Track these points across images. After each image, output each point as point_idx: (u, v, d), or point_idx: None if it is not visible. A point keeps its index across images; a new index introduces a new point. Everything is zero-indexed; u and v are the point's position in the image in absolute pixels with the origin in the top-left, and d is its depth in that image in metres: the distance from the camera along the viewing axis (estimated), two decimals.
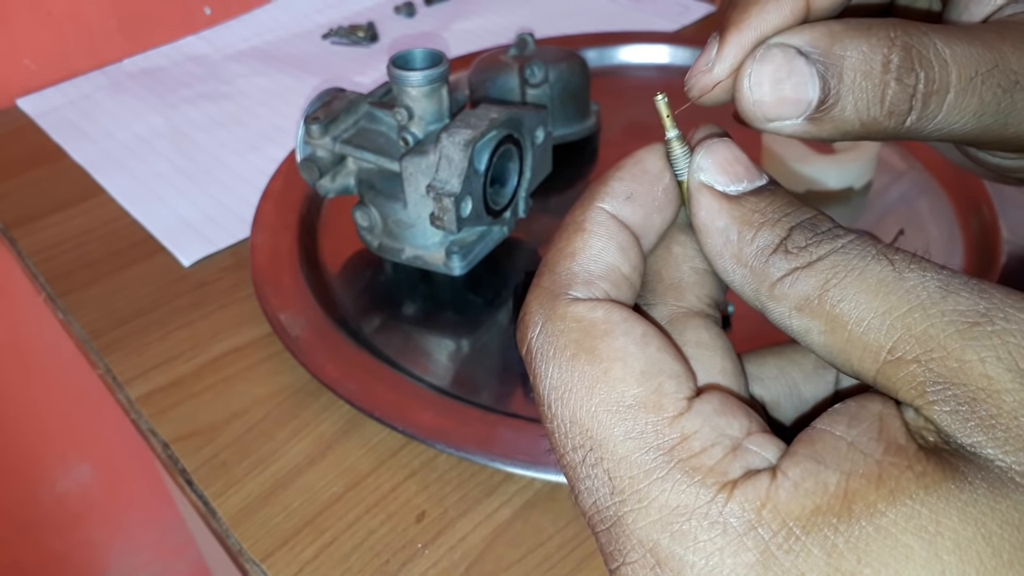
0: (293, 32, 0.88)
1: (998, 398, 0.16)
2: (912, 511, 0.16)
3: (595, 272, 0.20)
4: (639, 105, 0.72)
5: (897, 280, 0.18)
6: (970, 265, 0.55)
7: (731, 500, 0.17)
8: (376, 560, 0.41)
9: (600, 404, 0.18)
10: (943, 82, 0.21)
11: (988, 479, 0.16)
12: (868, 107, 0.21)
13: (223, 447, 0.47)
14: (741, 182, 0.20)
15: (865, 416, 0.18)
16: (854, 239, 0.19)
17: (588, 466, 0.18)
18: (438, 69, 0.51)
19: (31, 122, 0.76)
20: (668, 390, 0.18)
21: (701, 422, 0.18)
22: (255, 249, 0.57)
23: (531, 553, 0.41)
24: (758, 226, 0.20)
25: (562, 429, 0.19)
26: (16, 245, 0.63)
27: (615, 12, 0.88)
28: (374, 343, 0.52)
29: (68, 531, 1.00)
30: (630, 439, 0.18)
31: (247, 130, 0.74)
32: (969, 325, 0.17)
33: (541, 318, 0.20)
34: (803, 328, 0.19)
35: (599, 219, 0.21)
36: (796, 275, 0.19)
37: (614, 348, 0.19)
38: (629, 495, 0.18)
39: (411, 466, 0.45)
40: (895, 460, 0.16)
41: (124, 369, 0.52)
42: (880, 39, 0.21)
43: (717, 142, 0.21)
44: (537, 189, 0.56)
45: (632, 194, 0.21)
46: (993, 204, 0.56)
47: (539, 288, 0.20)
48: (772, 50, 0.21)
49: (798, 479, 0.17)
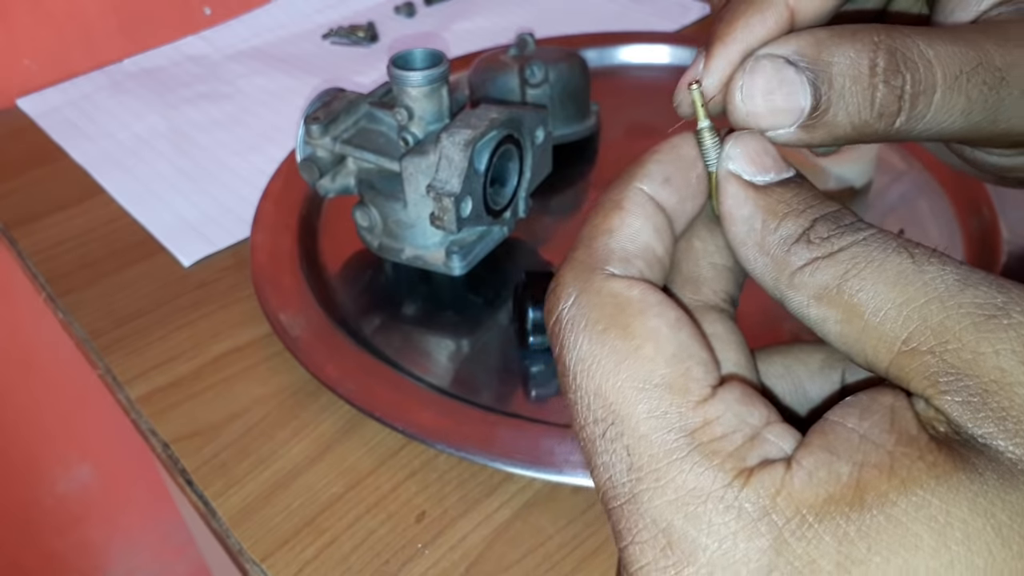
0: (293, 32, 0.88)
1: (1011, 391, 0.16)
2: (923, 501, 0.16)
3: (632, 251, 0.20)
4: (639, 105, 0.72)
5: (916, 272, 0.18)
6: (970, 264, 0.55)
7: (747, 486, 0.17)
8: (376, 560, 0.41)
9: (627, 380, 0.18)
10: (929, 82, 0.22)
11: (999, 470, 0.16)
12: (859, 110, 0.21)
13: (223, 447, 0.47)
14: (768, 173, 0.21)
15: (876, 408, 0.18)
16: (876, 232, 0.19)
17: (608, 440, 0.18)
18: (438, 69, 0.51)
19: (31, 122, 0.76)
20: (696, 375, 0.18)
21: (724, 408, 0.18)
22: (255, 249, 0.57)
23: (531, 553, 0.41)
24: (782, 216, 0.20)
25: (585, 401, 0.19)
26: (16, 245, 0.63)
27: (615, 12, 0.88)
28: (374, 343, 0.52)
29: (68, 531, 1.00)
30: (653, 418, 0.18)
31: (247, 130, 0.74)
32: (985, 318, 0.17)
33: (575, 290, 0.20)
34: (820, 317, 0.19)
35: (638, 199, 0.21)
36: (816, 264, 0.19)
37: (648, 328, 0.19)
38: (647, 473, 0.18)
39: (411, 466, 0.45)
40: (906, 451, 0.17)
41: (124, 369, 0.52)
42: (865, 44, 0.21)
43: (746, 134, 0.21)
44: (537, 189, 0.56)
45: (669, 177, 0.21)
46: (993, 204, 0.57)
47: (575, 261, 0.20)
48: (761, 61, 0.21)
49: (812, 469, 0.17)
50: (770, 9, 0.22)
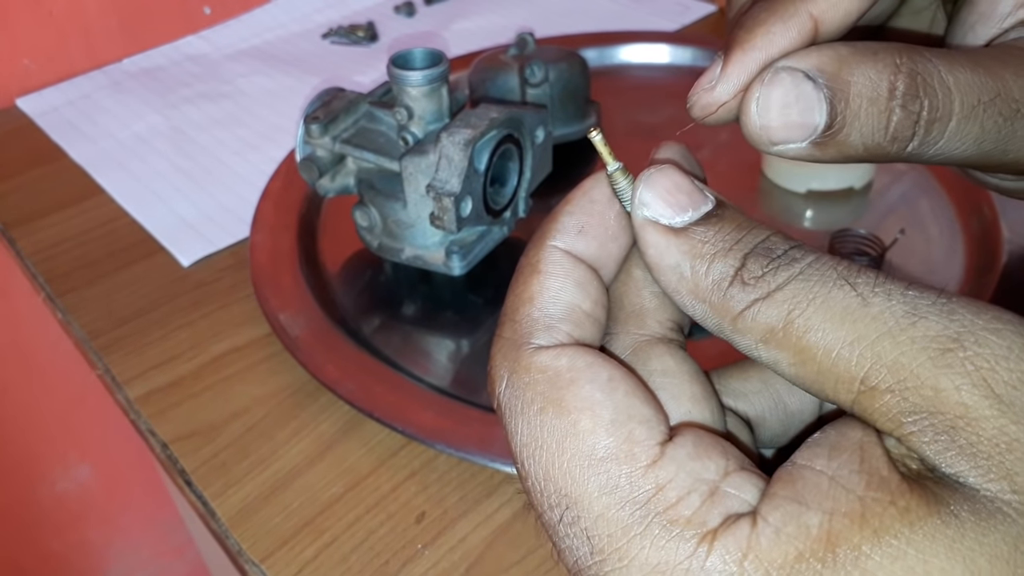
0: (293, 32, 0.88)
1: (977, 426, 0.16)
2: (898, 551, 0.15)
3: (555, 315, 0.20)
4: (639, 104, 0.72)
5: (862, 307, 0.17)
6: (971, 265, 0.55)
7: (712, 552, 0.16)
8: (376, 560, 0.41)
9: (572, 459, 0.18)
10: (946, 110, 0.21)
11: (974, 509, 0.16)
12: (872, 133, 0.21)
13: (222, 447, 0.47)
14: (686, 211, 0.20)
15: (845, 446, 0.17)
16: (812, 262, 0.18)
17: (566, 525, 0.18)
18: (438, 69, 0.51)
19: (30, 122, 0.76)
20: (639, 437, 0.18)
21: (676, 469, 0.17)
22: (255, 249, 0.57)
23: (531, 554, 0.41)
24: (710, 258, 0.19)
25: (537, 488, 0.18)
26: (15, 245, 0.63)
27: (615, 12, 0.88)
28: (374, 343, 0.52)
29: (67, 531, 1.00)
30: (605, 494, 0.17)
31: (247, 130, 0.74)
32: (940, 352, 0.16)
33: (506, 371, 0.19)
34: (772, 359, 0.19)
35: (553, 258, 0.20)
36: (757, 307, 0.18)
37: (580, 397, 0.18)
38: (609, 554, 0.17)
39: (411, 466, 0.45)
40: (877, 496, 0.16)
41: (123, 369, 0.52)
42: (887, 64, 0.21)
43: (656, 172, 0.20)
44: (537, 189, 0.56)
45: (584, 227, 0.21)
46: (994, 204, 0.56)
47: (501, 340, 0.20)
48: (780, 74, 0.21)
49: (779, 524, 0.16)
50: (793, 19, 0.22)
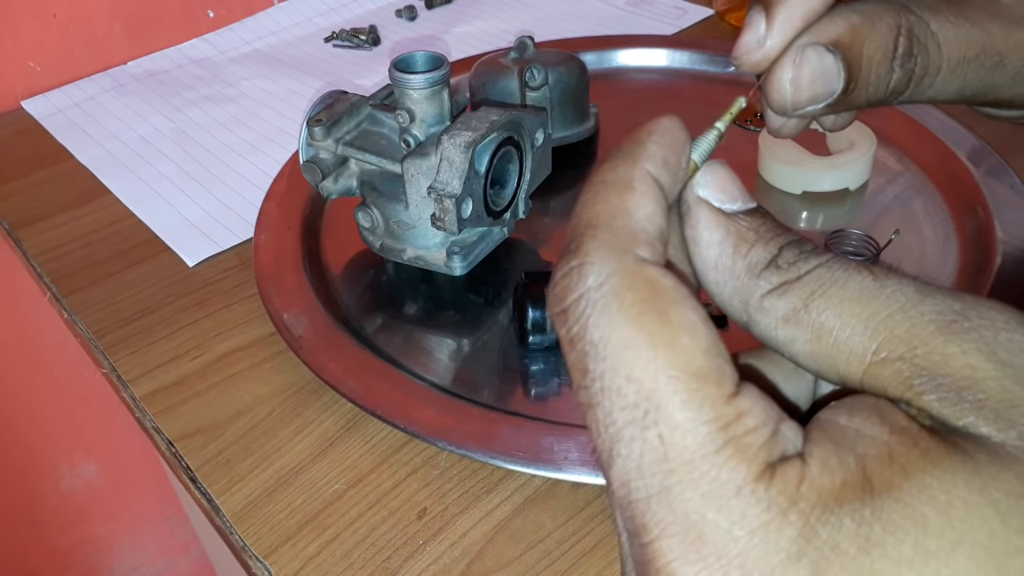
0: (296, 35, 0.89)
1: (983, 384, 0.18)
2: (923, 484, 0.17)
3: (652, 234, 0.20)
4: (638, 107, 0.72)
5: (878, 287, 0.19)
6: (965, 266, 0.55)
7: (775, 478, 0.17)
8: (378, 556, 0.42)
9: (664, 367, 0.18)
10: (935, 64, 0.25)
11: (988, 451, 0.17)
12: (876, 90, 0.25)
13: (227, 445, 0.48)
14: (736, 202, 0.22)
15: (862, 407, 0.19)
16: (836, 256, 0.20)
17: (637, 427, 0.18)
18: (439, 72, 0.52)
19: (36, 123, 0.77)
20: (727, 371, 0.18)
21: (751, 403, 0.18)
22: (258, 249, 0.57)
23: (531, 549, 0.42)
24: (752, 243, 0.21)
25: (613, 385, 0.18)
26: (21, 245, 0.64)
27: (613, 16, 0.89)
28: (376, 342, 0.52)
29: (73, 528, 1.01)
30: (690, 409, 0.17)
31: (250, 132, 0.74)
32: (948, 323, 0.18)
33: (606, 270, 0.19)
34: (788, 338, 0.20)
35: (647, 180, 0.20)
36: (784, 288, 0.20)
37: (684, 317, 0.18)
38: (681, 464, 0.17)
39: (412, 463, 0.46)
40: (901, 439, 0.17)
41: (129, 368, 0.53)
42: (890, 28, 0.25)
43: (716, 163, 0.22)
44: (537, 190, 0.56)
45: (667, 160, 0.21)
46: (988, 205, 0.57)
47: (599, 241, 0.19)
48: (807, 52, 0.24)
49: (824, 459, 0.18)
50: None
